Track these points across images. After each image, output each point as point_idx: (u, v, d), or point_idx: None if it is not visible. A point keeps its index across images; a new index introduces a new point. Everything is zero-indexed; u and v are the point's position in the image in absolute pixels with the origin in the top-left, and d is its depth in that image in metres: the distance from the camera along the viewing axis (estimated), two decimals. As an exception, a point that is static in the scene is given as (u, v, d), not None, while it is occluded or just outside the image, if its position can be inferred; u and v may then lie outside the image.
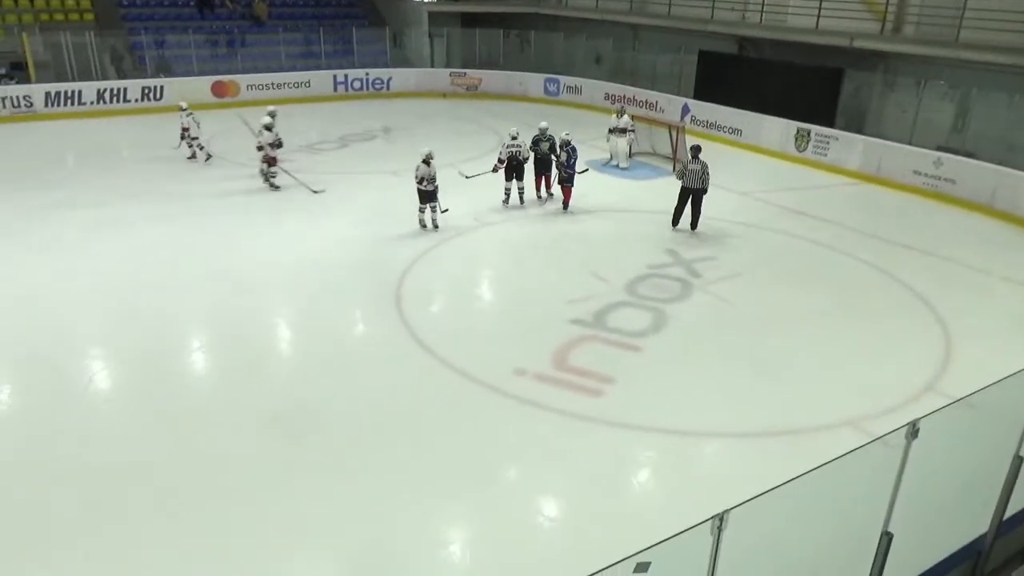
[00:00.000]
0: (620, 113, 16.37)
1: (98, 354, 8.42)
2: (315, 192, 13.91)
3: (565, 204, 13.42)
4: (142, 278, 10.12)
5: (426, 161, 11.58)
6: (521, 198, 13.55)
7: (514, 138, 13.12)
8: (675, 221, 12.32)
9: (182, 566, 5.39)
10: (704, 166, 11.78)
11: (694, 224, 12.18)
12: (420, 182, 11.69)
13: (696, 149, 12.05)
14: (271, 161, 13.90)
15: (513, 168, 13.23)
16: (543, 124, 13.60)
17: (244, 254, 11.14)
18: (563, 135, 13.04)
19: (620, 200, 14.23)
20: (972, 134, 15.60)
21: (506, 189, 13.48)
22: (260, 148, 13.84)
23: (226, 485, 6.24)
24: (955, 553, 4.85)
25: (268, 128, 13.62)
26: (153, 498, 6.04)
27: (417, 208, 11.99)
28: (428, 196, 11.82)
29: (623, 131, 16.15)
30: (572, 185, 13.33)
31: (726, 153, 18.19)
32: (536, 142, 13.38)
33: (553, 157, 13.38)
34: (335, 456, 6.66)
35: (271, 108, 14.77)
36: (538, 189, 13.81)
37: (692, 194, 12.00)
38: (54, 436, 6.85)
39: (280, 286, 10.18)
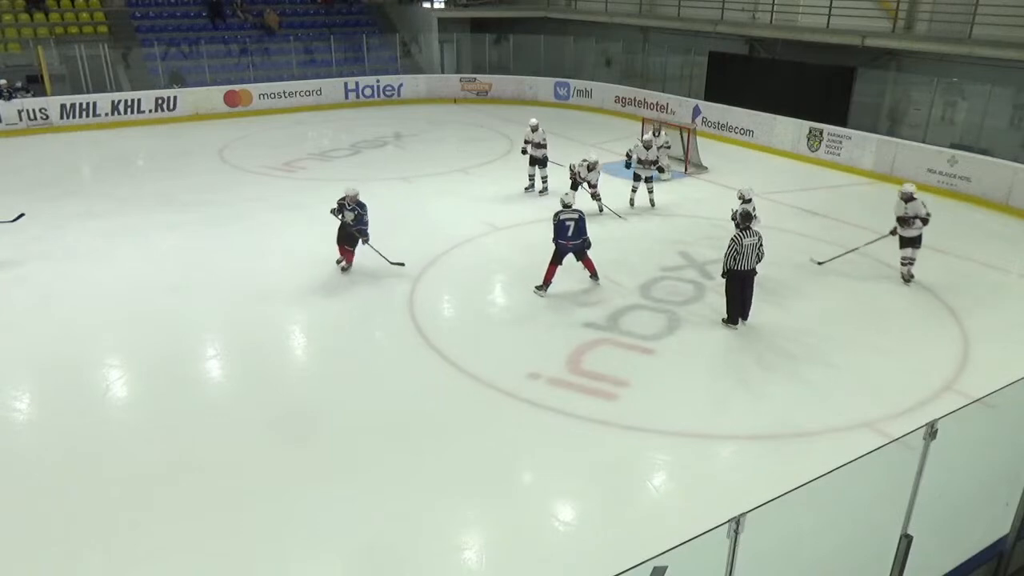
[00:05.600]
0: (657, 132, 15.29)
1: (116, 360, 8.49)
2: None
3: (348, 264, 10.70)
4: (159, 285, 10.22)
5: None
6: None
7: (534, 130, 14.04)
8: (736, 316, 9.14)
9: (207, 567, 5.44)
10: (760, 237, 8.87)
11: (747, 313, 9.20)
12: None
13: (747, 216, 8.88)
14: None
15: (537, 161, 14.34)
16: (352, 189, 10.41)
17: (257, 261, 11.21)
18: (351, 191, 10.54)
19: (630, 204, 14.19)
20: (987, 131, 15.46)
21: (530, 175, 14.57)
22: None
23: (240, 487, 6.27)
24: (976, 555, 4.80)
25: None
26: (169, 501, 6.08)
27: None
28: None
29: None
30: (352, 248, 10.60)
31: (738, 154, 18.13)
32: (342, 208, 10.39)
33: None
34: (349, 460, 6.68)
35: None
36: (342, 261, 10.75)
37: (745, 276, 8.96)
38: (73, 441, 6.91)
39: (293, 292, 10.22)
